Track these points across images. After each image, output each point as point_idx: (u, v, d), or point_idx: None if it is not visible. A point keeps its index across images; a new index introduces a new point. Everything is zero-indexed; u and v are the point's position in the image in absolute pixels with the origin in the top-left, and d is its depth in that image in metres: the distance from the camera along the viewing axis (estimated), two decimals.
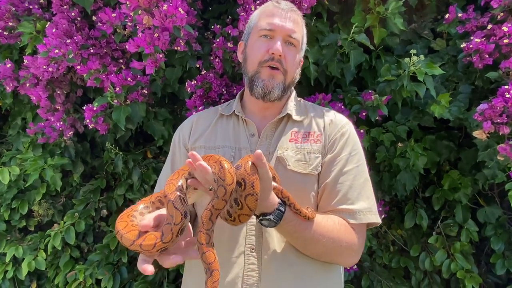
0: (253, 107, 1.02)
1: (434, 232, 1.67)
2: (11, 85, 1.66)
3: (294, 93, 1.07)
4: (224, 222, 0.84)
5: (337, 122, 1.00)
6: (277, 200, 0.80)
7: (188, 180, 0.74)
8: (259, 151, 0.72)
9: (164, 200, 0.68)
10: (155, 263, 0.72)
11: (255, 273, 0.87)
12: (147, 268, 0.67)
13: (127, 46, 1.28)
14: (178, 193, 0.68)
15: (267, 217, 0.78)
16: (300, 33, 0.98)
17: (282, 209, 0.79)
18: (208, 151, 0.96)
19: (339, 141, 0.96)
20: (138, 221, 0.74)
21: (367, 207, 0.91)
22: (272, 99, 0.95)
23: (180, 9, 1.22)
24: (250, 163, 0.72)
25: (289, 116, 1.00)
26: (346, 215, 0.89)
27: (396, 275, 1.77)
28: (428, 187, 1.68)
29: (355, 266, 1.60)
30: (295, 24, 0.96)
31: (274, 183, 0.79)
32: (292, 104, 1.02)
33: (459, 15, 1.43)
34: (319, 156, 0.94)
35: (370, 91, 1.44)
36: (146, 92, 1.45)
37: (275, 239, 0.90)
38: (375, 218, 0.92)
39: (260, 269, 0.88)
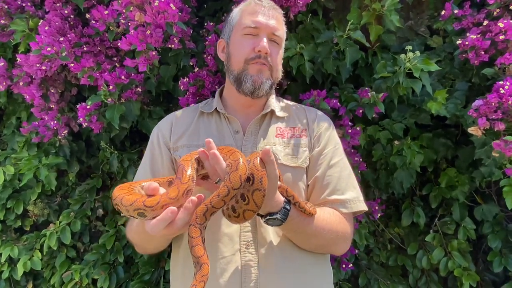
0: (236, 104, 1.03)
1: (431, 230, 1.67)
2: (4, 83, 1.65)
3: (273, 92, 1.08)
4: (222, 222, 0.84)
5: (319, 118, 1.05)
6: (282, 199, 0.81)
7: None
8: (267, 147, 0.74)
9: (175, 166, 0.68)
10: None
11: (253, 269, 0.87)
12: (152, 222, 0.62)
13: (119, 44, 1.27)
14: (191, 163, 0.69)
15: (274, 216, 0.79)
16: (282, 30, 1.01)
17: (288, 207, 0.81)
18: (193, 149, 0.95)
19: (324, 136, 1.01)
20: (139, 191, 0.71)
21: (355, 196, 0.96)
22: (260, 95, 0.97)
23: (172, 5, 1.20)
24: (258, 159, 0.73)
25: (272, 112, 1.02)
26: (338, 205, 0.94)
27: (394, 273, 1.77)
28: (425, 185, 1.67)
29: (351, 265, 1.60)
30: (277, 21, 0.98)
31: (279, 183, 0.80)
32: (274, 101, 1.04)
33: (455, 11, 1.42)
34: (306, 150, 0.98)
35: (366, 88, 1.43)
36: (140, 90, 1.44)
37: (271, 233, 0.90)
38: (363, 206, 0.97)
39: (258, 265, 0.87)
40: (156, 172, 0.95)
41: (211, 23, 1.51)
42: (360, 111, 1.42)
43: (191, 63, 1.47)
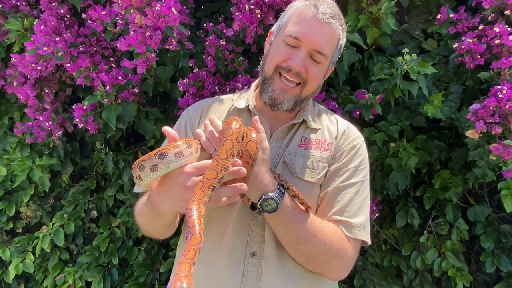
0: (264, 108, 0.97)
1: (425, 231, 1.69)
2: None
3: (311, 99, 1.00)
4: (230, 228, 0.84)
5: (349, 133, 0.97)
6: (277, 182, 0.81)
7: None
8: (256, 117, 0.76)
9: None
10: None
11: (254, 280, 0.85)
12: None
13: (118, 45, 1.26)
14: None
15: (270, 196, 0.77)
16: (332, 47, 0.89)
17: (282, 190, 0.80)
18: None
19: (348, 153, 0.93)
20: None
21: (363, 224, 0.89)
22: (282, 110, 0.91)
23: (173, 9, 1.20)
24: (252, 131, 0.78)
25: (303, 122, 0.96)
26: (343, 226, 0.87)
27: (388, 274, 1.78)
28: (419, 186, 1.69)
29: None
30: (327, 38, 0.86)
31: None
32: (309, 109, 0.98)
33: (451, 15, 1.44)
34: (326, 166, 0.92)
35: (363, 90, 1.44)
36: (137, 91, 1.43)
37: (275, 245, 0.88)
38: (367, 237, 0.89)
39: (260, 274, 0.86)
40: None
41: (211, 24, 1.51)
42: (357, 112, 1.43)
43: (190, 64, 1.46)
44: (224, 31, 1.42)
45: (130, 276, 1.84)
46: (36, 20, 1.47)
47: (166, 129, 0.75)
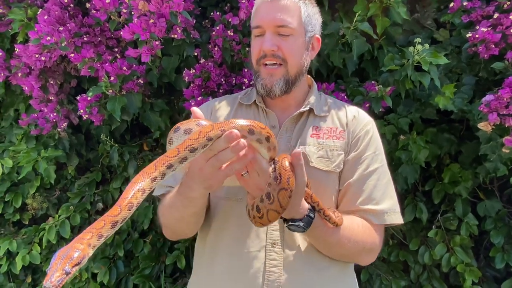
0: (271, 100, 0.99)
1: (433, 226, 1.66)
2: (2, 74, 1.61)
3: (315, 86, 1.04)
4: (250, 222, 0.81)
5: (360, 119, 0.98)
6: (307, 206, 0.79)
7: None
8: (298, 150, 0.72)
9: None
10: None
11: (277, 269, 0.85)
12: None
13: (121, 33, 1.24)
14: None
15: (296, 223, 0.77)
16: (295, 16, 0.91)
17: (312, 215, 0.79)
18: None
19: (363, 139, 0.94)
20: None
21: (391, 208, 0.91)
22: (277, 95, 0.93)
23: None
24: (286, 160, 0.72)
25: (311, 110, 0.97)
26: (371, 216, 0.89)
27: (395, 269, 1.76)
28: (428, 180, 1.66)
29: None
30: (283, 10, 0.90)
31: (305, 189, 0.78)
32: (314, 98, 0.99)
33: (464, 4, 1.40)
34: (342, 153, 0.92)
35: (373, 82, 1.41)
36: (142, 82, 1.41)
37: (298, 236, 0.88)
38: (398, 219, 0.91)
39: (282, 265, 0.86)
40: None
41: (218, 13, 1.47)
42: (367, 105, 1.40)
43: (195, 53, 1.43)
44: (230, 20, 1.39)
45: (136, 268, 1.85)
46: (40, 9, 1.45)
47: (194, 109, 0.76)
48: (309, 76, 1.06)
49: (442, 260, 1.60)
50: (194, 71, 1.40)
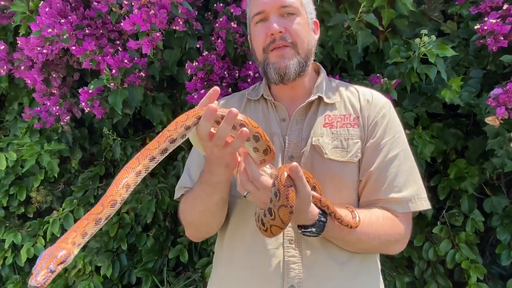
0: (278, 91, 0.96)
1: (438, 222, 1.64)
2: (5, 67, 1.61)
3: (324, 73, 0.99)
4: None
5: (375, 102, 0.92)
6: (317, 211, 0.76)
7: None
8: (294, 163, 0.69)
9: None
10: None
11: (296, 266, 0.83)
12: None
13: (122, 24, 1.23)
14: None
15: (309, 230, 0.76)
16: None
17: (324, 219, 0.76)
18: None
19: (381, 124, 0.88)
20: None
21: (415, 194, 0.86)
22: (292, 78, 0.88)
23: None
24: (286, 174, 0.70)
25: (320, 98, 0.92)
26: (394, 205, 0.85)
27: (399, 265, 1.75)
28: (434, 176, 1.64)
29: None
30: None
31: (313, 192, 0.75)
32: (323, 85, 0.95)
33: None
34: (358, 142, 0.88)
35: (378, 74, 1.38)
36: (143, 75, 1.40)
37: None
38: (424, 205, 0.87)
39: (302, 261, 0.84)
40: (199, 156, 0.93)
41: (221, 4, 1.45)
42: None
43: (198, 46, 1.42)
44: (232, 11, 1.37)
45: (139, 262, 1.86)
46: (42, 2, 1.45)
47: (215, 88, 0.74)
48: (315, 62, 1.02)
49: (447, 256, 1.58)
50: (196, 63, 1.38)
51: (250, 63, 1.45)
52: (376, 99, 0.93)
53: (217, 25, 1.40)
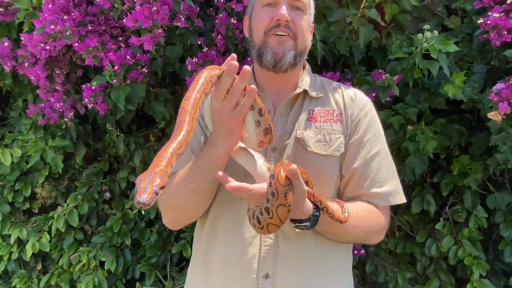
0: (265, 81, 0.96)
1: (441, 218, 1.63)
2: (9, 64, 1.62)
3: (308, 68, 1.01)
4: (246, 204, 0.82)
5: (358, 100, 0.96)
6: (311, 206, 0.78)
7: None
8: (294, 166, 0.70)
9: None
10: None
11: (272, 256, 0.86)
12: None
13: (125, 21, 1.23)
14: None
15: (303, 224, 0.78)
16: None
17: (317, 213, 0.79)
18: None
19: (363, 122, 0.93)
20: None
21: (395, 189, 0.92)
22: (284, 68, 0.89)
23: None
24: (283, 172, 0.71)
25: (305, 92, 0.95)
26: (376, 199, 0.90)
27: (402, 261, 1.75)
28: (436, 172, 1.63)
29: (363, 251, 1.58)
30: None
31: (307, 188, 0.77)
32: (308, 79, 0.97)
33: None
34: (341, 137, 0.91)
35: (380, 70, 1.38)
36: (146, 71, 1.41)
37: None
38: (402, 198, 0.93)
39: (278, 251, 0.86)
40: (193, 148, 0.93)
41: (222, 0, 1.45)
42: (373, 94, 1.37)
43: (199, 42, 1.42)
44: (233, 7, 1.37)
45: (143, 257, 1.88)
46: None
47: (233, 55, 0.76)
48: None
49: (450, 252, 1.58)
50: (196, 59, 1.39)
51: (249, 59, 1.45)
52: (359, 98, 0.97)
53: (217, 21, 1.40)
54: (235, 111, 0.75)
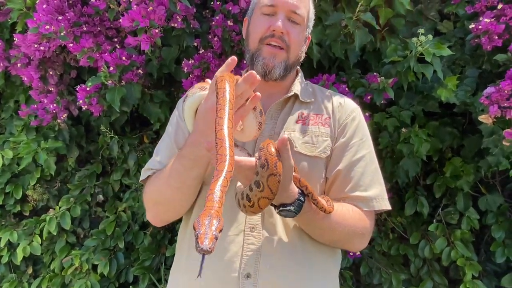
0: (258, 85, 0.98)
1: (434, 220, 1.65)
2: (1, 65, 1.60)
3: (301, 74, 1.04)
4: (229, 201, 0.80)
5: (346, 106, 0.99)
6: (297, 190, 0.78)
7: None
8: (285, 136, 0.71)
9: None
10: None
11: (254, 254, 0.85)
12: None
13: (121, 21, 1.22)
14: None
15: (287, 208, 0.77)
16: (305, 8, 0.95)
17: (302, 199, 0.78)
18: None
19: (350, 126, 0.95)
20: None
21: (379, 194, 0.92)
22: (273, 78, 0.92)
23: None
24: (272, 145, 0.72)
25: (296, 96, 0.97)
26: (359, 202, 0.90)
27: (395, 262, 1.76)
28: (429, 174, 1.65)
29: (358, 253, 1.59)
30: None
31: (294, 173, 0.77)
32: (299, 84, 1.00)
33: None
34: (328, 140, 0.93)
35: (375, 73, 1.39)
36: (141, 72, 1.40)
37: (278, 220, 0.88)
38: (386, 205, 0.93)
39: (260, 250, 0.86)
40: (179, 144, 0.94)
41: (218, 2, 1.46)
42: (368, 97, 1.39)
43: (195, 44, 1.42)
44: (230, 9, 1.38)
45: (136, 260, 1.85)
46: None
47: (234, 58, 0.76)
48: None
49: (443, 254, 1.59)
50: (193, 61, 1.39)
51: (245, 62, 1.45)
52: (348, 104, 1.00)
53: (213, 23, 1.40)
54: (237, 113, 0.75)
